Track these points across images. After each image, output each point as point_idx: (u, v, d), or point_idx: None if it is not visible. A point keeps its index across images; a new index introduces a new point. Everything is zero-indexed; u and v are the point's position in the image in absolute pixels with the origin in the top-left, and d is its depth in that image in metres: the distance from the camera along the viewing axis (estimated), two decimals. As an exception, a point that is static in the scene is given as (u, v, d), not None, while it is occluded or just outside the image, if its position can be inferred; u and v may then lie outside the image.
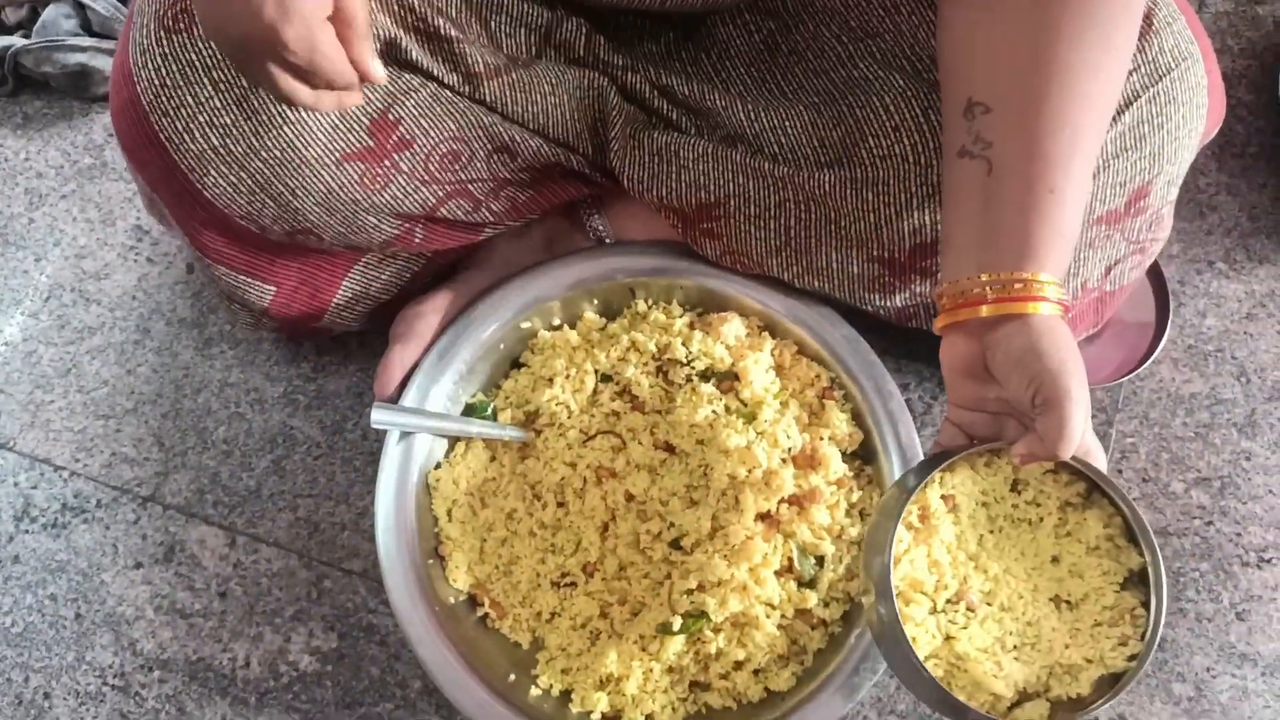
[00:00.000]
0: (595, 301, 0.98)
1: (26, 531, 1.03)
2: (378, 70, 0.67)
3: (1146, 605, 0.70)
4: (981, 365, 0.70)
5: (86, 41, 1.17)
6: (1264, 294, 1.11)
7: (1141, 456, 1.05)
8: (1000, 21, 0.69)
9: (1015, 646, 0.72)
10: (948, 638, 0.72)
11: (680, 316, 0.96)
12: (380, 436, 1.03)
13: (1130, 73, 0.76)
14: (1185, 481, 1.04)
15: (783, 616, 0.86)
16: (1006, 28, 0.69)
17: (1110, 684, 0.69)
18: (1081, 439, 0.67)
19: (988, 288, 0.68)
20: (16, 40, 1.18)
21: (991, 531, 0.74)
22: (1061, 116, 0.67)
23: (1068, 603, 0.72)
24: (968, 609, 0.72)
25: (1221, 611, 0.99)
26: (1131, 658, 0.69)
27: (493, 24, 0.89)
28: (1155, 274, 1.07)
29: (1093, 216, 0.82)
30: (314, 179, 0.80)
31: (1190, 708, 0.96)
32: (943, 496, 0.73)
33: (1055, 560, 0.73)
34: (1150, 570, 0.69)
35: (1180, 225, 1.13)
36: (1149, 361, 1.04)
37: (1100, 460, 0.70)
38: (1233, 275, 1.12)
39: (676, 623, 0.84)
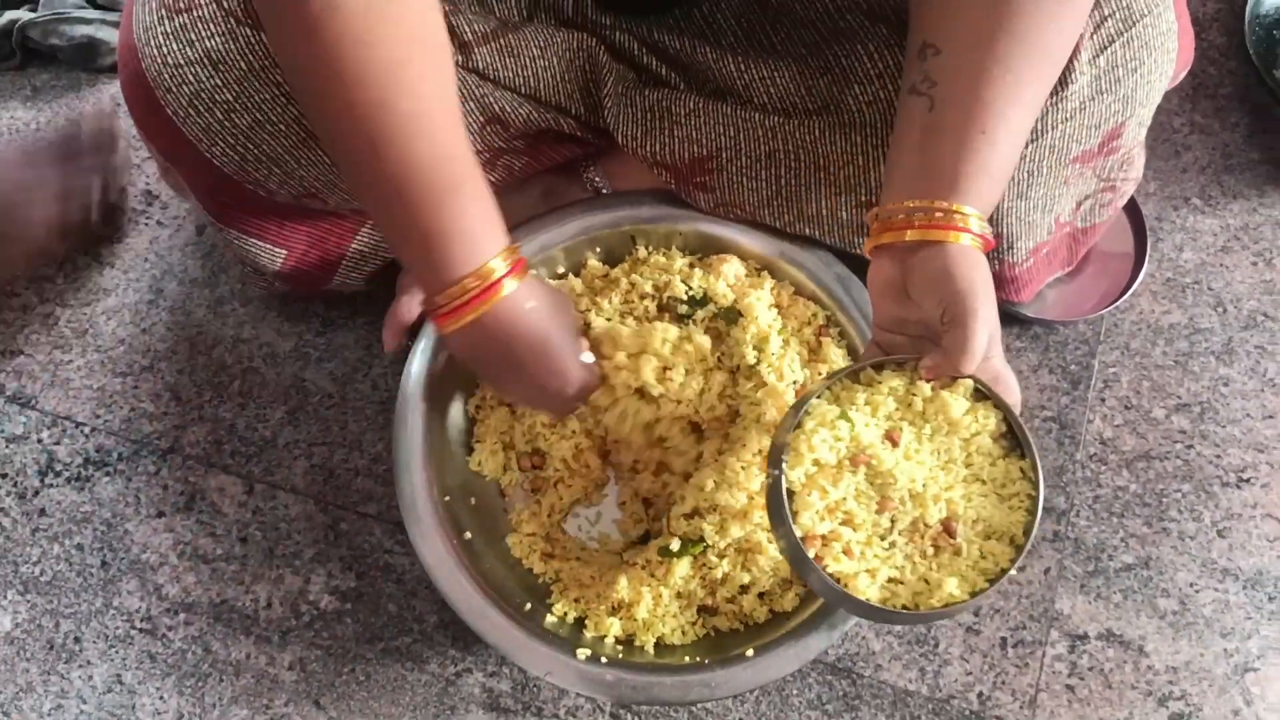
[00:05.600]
0: (599, 250, 1.00)
1: (52, 485, 1.06)
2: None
3: (1028, 531, 0.70)
4: (903, 288, 0.74)
5: (92, 13, 1.19)
6: (1238, 228, 1.15)
7: (1124, 385, 1.09)
8: None
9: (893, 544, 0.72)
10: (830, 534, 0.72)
11: (680, 260, 0.99)
12: (390, 387, 1.06)
13: (1105, 19, 0.79)
14: (1166, 408, 1.08)
15: (785, 540, 0.89)
16: None
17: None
18: (990, 363, 0.70)
19: (914, 214, 0.72)
20: (23, 13, 1.20)
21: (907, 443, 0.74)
22: (1005, 63, 0.70)
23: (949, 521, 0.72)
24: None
25: (1203, 530, 1.03)
26: (991, 580, 0.70)
27: None
28: (1133, 211, 1.10)
29: (1069, 157, 0.85)
30: (318, 152, 0.83)
31: (1175, 620, 1.00)
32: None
33: (956, 470, 0.73)
34: (1030, 498, 0.70)
35: (1157, 164, 1.17)
36: (1128, 294, 1.07)
37: (1012, 387, 0.72)
38: (1208, 210, 1.16)
39: (675, 544, 0.87)
